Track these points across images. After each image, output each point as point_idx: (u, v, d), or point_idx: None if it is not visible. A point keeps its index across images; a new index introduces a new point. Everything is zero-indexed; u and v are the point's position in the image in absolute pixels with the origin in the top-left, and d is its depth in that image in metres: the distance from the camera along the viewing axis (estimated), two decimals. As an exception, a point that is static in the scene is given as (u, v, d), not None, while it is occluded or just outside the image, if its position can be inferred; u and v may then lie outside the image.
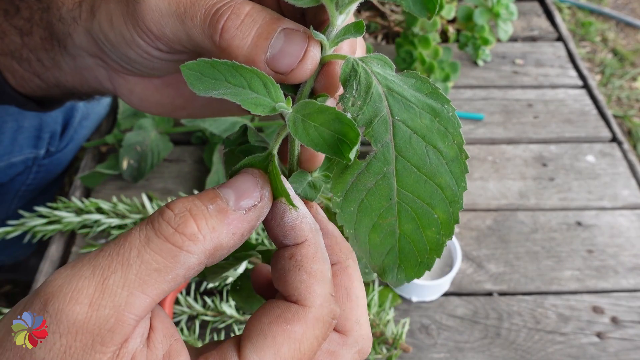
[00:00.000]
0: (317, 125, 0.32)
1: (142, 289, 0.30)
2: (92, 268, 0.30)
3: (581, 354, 0.80)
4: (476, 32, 1.20)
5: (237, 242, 0.33)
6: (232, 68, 0.33)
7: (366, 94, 0.32)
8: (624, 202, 1.00)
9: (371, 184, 0.33)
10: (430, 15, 0.31)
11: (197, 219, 0.31)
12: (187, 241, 0.31)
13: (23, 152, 0.99)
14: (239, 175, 0.34)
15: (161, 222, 0.31)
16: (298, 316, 0.33)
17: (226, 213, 0.32)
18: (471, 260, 0.91)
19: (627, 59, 2.20)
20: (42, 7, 0.51)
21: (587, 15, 2.37)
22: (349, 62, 0.33)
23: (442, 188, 0.32)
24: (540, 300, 0.86)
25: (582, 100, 1.20)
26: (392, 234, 0.34)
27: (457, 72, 1.14)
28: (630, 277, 0.89)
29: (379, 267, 0.35)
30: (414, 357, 0.79)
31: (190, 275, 0.32)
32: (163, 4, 0.38)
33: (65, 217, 0.89)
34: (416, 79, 0.33)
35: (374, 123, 0.32)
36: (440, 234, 0.33)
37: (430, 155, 0.32)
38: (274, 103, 0.33)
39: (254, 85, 0.33)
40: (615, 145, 1.10)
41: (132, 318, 0.30)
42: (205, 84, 0.32)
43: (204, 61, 0.33)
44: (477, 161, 1.06)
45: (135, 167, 0.98)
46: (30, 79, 0.57)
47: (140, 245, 0.31)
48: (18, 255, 1.25)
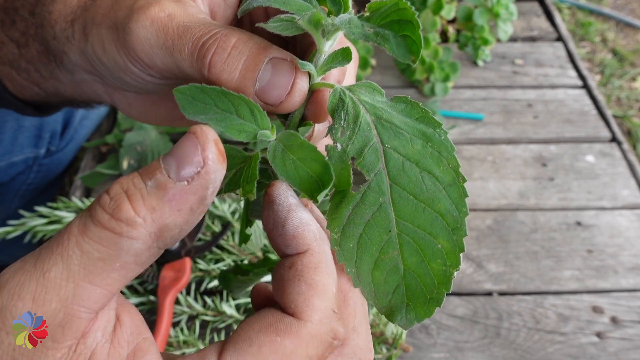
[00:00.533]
0: (295, 159, 0.32)
1: (89, 279, 0.28)
2: (34, 261, 0.28)
3: (581, 353, 0.80)
4: (476, 32, 1.20)
5: (188, 217, 0.29)
6: (221, 94, 0.33)
7: (354, 123, 0.32)
8: (624, 202, 1.00)
9: (368, 216, 0.32)
10: (414, 59, 0.31)
11: (133, 201, 0.28)
12: (125, 227, 0.28)
13: (23, 152, 0.99)
14: (182, 138, 0.30)
15: (97, 208, 0.29)
16: (291, 329, 0.30)
17: (165, 188, 0.29)
18: (471, 260, 0.91)
19: (626, 59, 2.20)
20: (36, 23, 0.50)
21: (586, 15, 2.37)
22: (336, 93, 0.33)
23: (443, 215, 0.31)
24: (540, 300, 0.86)
25: (581, 100, 1.20)
26: (396, 270, 0.32)
27: (457, 72, 1.14)
28: (629, 277, 0.89)
29: (386, 308, 0.33)
30: (414, 356, 0.79)
31: (142, 261, 0.29)
32: (152, 36, 0.37)
33: (65, 217, 0.89)
34: (406, 104, 0.33)
35: (364, 152, 0.31)
36: (446, 265, 0.31)
37: (425, 181, 0.31)
38: (259, 130, 0.33)
39: (241, 111, 0.33)
40: (615, 145, 1.10)
41: (83, 311, 0.28)
42: (196, 107, 0.33)
43: (195, 86, 0.33)
44: (477, 161, 1.07)
45: (135, 167, 0.98)
46: (29, 87, 0.57)
47: (79, 235, 0.28)
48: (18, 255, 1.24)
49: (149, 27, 0.37)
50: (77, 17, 0.45)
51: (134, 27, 0.38)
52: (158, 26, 0.37)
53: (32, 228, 0.89)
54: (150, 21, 0.37)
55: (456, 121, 1.14)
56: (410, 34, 0.31)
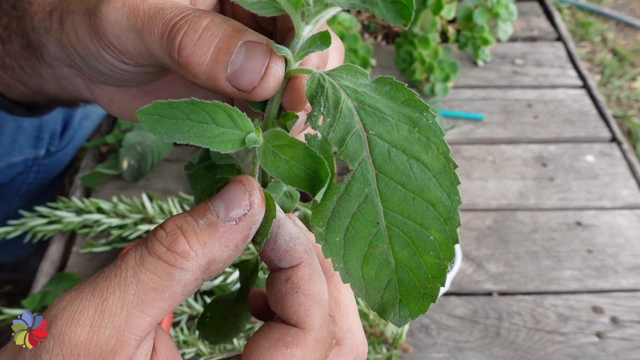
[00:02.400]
0: (287, 159, 0.32)
1: (141, 308, 0.30)
2: (92, 290, 0.31)
3: (581, 353, 0.80)
4: (476, 32, 1.20)
5: (232, 253, 0.33)
6: (192, 105, 0.31)
7: (335, 109, 0.30)
8: (624, 202, 1.00)
9: (354, 208, 0.30)
10: (405, 22, 0.28)
11: (188, 236, 0.32)
12: (180, 259, 0.31)
13: (23, 152, 0.99)
14: (228, 185, 0.33)
15: (154, 241, 0.32)
16: (298, 339, 0.33)
17: (216, 226, 0.32)
18: (471, 260, 0.91)
19: (626, 59, 2.20)
20: (17, 16, 0.50)
21: (586, 15, 2.37)
22: (315, 78, 0.31)
23: (434, 204, 0.29)
24: (540, 300, 0.86)
25: (581, 100, 1.20)
26: (387, 264, 0.30)
27: (457, 72, 1.14)
28: (629, 277, 0.89)
29: (378, 304, 0.31)
30: (414, 356, 0.79)
31: (188, 291, 0.32)
32: (122, 18, 0.36)
33: (65, 217, 0.89)
34: (391, 86, 0.31)
35: (347, 140, 0.30)
36: (439, 258, 0.29)
37: (414, 169, 0.29)
38: (244, 134, 0.32)
39: (218, 119, 0.31)
40: (615, 145, 1.10)
41: (132, 338, 0.30)
42: (166, 126, 0.31)
43: (160, 103, 0.31)
44: (477, 161, 1.07)
45: (135, 167, 0.98)
46: (15, 86, 0.56)
47: (136, 266, 0.31)
48: (19, 254, 1.25)
49: (119, 10, 0.36)
50: (55, 7, 0.44)
51: (104, 10, 0.37)
52: (129, 8, 0.36)
53: (32, 228, 0.89)
54: (122, 3, 0.36)
55: (456, 121, 1.14)
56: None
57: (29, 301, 0.82)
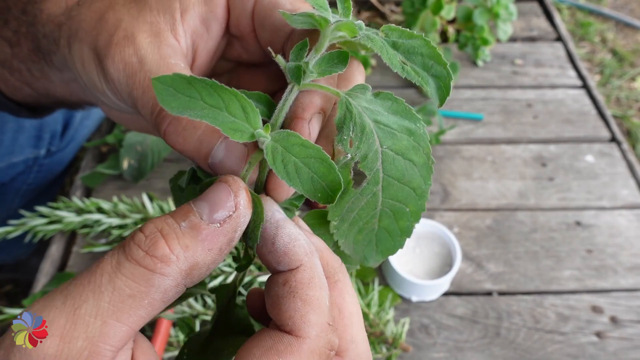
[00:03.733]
0: (297, 160, 0.32)
1: (117, 317, 0.28)
2: (64, 297, 0.29)
3: (580, 353, 0.80)
4: (476, 33, 1.20)
5: (216, 257, 0.31)
6: (210, 87, 0.31)
7: (362, 133, 0.34)
8: (623, 202, 1.00)
9: (363, 202, 0.36)
10: (440, 104, 0.35)
11: (169, 239, 0.30)
12: (160, 263, 0.29)
13: (24, 152, 0.99)
14: (213, 185, 0.32)
15: (132, 245, 0.30)
16: (291, 348, 0.30)
17: (199, 229, 0.30)
18: (471, 260, 0.91)
19: (626, 59, 2.20)
20: (27, 21, 0.50)
21: (586, 15, 2.37)
22: (343, 104, 0.34)
23: (415, 189, 0.35)
24: (540, 299, 0.86)
25: (581, 100, 1.20)
26: (372, 231, 0.37)
27: (456, 72, 1.14)
28: (629, 277, 0.89)
29: (361, 257, 0.39)
30: (414, 356, 0.79)
31: (168, 298, 0.30)
32: (123, 80, 0.37)
33: (66, 216, 0.89)
34: (392, 101, 0.35)
35: (368, 157, 0.34)
36: (410, 221, 0.37)
37: (407, 168, 0.35)
38: (253, 129, 0.32)
39: (231, 108, 0.31)
40: (615, 145, 1.11)
41: (107, 349, 0.28)
42: (180, 101, 0.30)
43: (179, 76, 0.30)
44: (477, 161, 1.07)
45: (135, 167, 0.98)
46: (22, 88, 0.56)
47: (112, 271, 0.29)
48: (19, 254, 1.25)
49: (121, 72, 0.37)
50: (63, 22, 0.44)
51: (109, 66, 0.38)
52: (128, 73, 0.37)
53: (33, 228, 0.89)
54: (123, 65, 0.37)
55: (456, 121, 1.14)
56: (442, 82, 0.34)
57: (29, 301, 0.82)
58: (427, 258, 0.86)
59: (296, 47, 0.35)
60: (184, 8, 0.39)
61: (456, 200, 1.00)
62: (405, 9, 1.13)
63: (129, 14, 0.39)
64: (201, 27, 0.40)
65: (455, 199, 1.00)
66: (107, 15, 0.40)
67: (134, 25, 0.38)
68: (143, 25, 0.38)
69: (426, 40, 0.34)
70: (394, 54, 0.34)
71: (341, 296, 0.35)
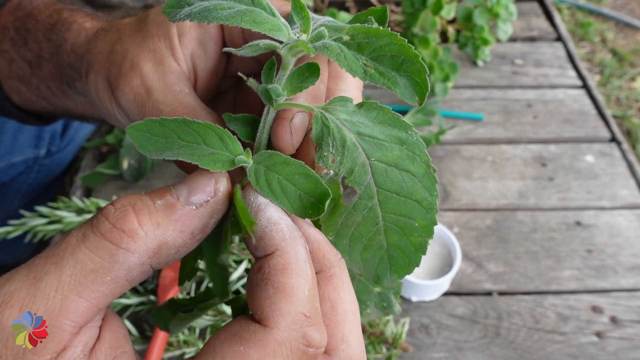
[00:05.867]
0: (281, 178, 0.32)
1: (78, 291, 0.27)
2: (27, 270, 0.28)
3: (580, 353, 0.80)
4: (476, 33, 1.20)
5: (187, 241, 0.30)
6: (184, 124, 0.31)
7: (342, 147, 0.33)
8: (623, 202, 1.00)
9: (359, 218, 0.34)
10: (420, 101, 0.32)
11: (140, 214, 0.29)
12: (126, 238, 0.28)
13: (24, 152, 0.99)
14: (195, 172, 0.32)
15: (100, 217, 0.29)
16: (255, 337, 0.28)
17: (174, 208, 0.30)
18: (471, 260, 0.91)
19: (626, 59, 2.20)
20: (51, 48, 0.52)
21: (586, 15, 2.37)
22: (318, 119, 0.33)
23: (420, 202, 0.34)
24: (540, 299, 0.86)
25: (581, 100, 1.20)
26: (381, 247, 0.35)
27: (456, 72, 1.14)
28: (629, 277, 0.89)
29: (373, 276, 0.37)
30: (414, 356, 0.79)
31: (133, 277, 0.29)
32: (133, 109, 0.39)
33: (66, 216, 0.89)
34: (377, 110, 0.34)
35: (355, 171, 0.33)
36: (422, 237, 0.35)
37: (405, 179, 0.34)
38: (233, 156, 0.32)
39: (208, 140, 0.31)
40: (614, 145, 1.11)
41: (67, 324, 0.27)
42: (156, 144, 0.31)
43: (151, 120, 0.31)
44: (477, 161, 1.07)
45: (135, 167, 0.98)
46: (38, 102, 0.58)
47: (76, 244, 0.28)
48: (19, 254, 1.25)
49: (131, 103, 0.39)
50: (83, 54, 0.47)
51: (120, 97, 0.39)
52: (137, 103, 0.38)
53: (33, 228, 0.89)
54: (133, 96, 0.39)
55: (456, 121, 1.14)
56: (416, 77, 0.32)
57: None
58: (427, 258, 0.86)
59: (265, 67, 0.35)
60: (180, 32, 0.40)
61: (456, 200, 1.00)
62: (405, 9, 1.13)
63: (134, 44, 0.40)
64: (199, 49, 0.41)
65: (455, 199, 1.00)
66: (116, 46, 0.41)
67: (139, 55, 0.39)
68: (147, 53, 0.39)
69: (393, 34, 0.32)
70: (354, 59, 0.32)
71: (336, 291, 0.33)
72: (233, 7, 0.33)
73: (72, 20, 0.51)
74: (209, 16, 0.32)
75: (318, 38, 0.33)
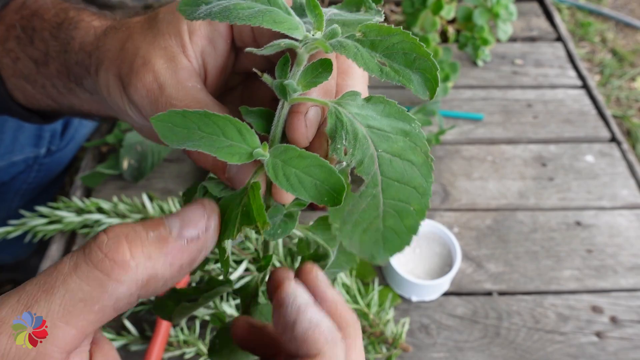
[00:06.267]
0: (297, 171, 0.33)
1: (67, 320, 0.28)
2: (18, 296, 0.29)
3: (580, 353, 0.80)
4: (476, 33, 1.20)
5: (175, 274, 0.31)
6: (205, 116, 0.33)
7: (355, 140, 0.34)
8: (623, 202, 1.00)
9: (364, 205, 0.36)
10: (431, 95, 0.34)
11: (133, 245, 0.30)
12: (117, 269, 0.29)
13: (24, 151, 0.99)
14: (189, 205, 0.33)
15: (92, 247, 0.29)
16: None
17: (166, 241, 0.31)
18: (471, 260, 0.91)
19: (626, 59, 2.20)
20: (58, 47, 0.52)
21: (586, 15, 2.37)
22: (332, 113, 0.35)
23: (416, 188, 0.36)
24: (540, 299, 0.86)
25: (581, 100, 1.20)
26: (378, 230, 0.38)
27: (456, 72, 1.14)
28: (629, 277, 0.89)
29: (369, 255, 0.39)
30: (414, 356, 0.79)
31: (120, 307, 0.30)
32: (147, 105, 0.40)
33: (66, 216, 0.89)
34: (384, 104, 0.35)
35: (364, 162, 0.35)
36: (415, 219, 0.37)
37: (406, 168, 0.35)
38: (251, 149, 0.33)
39: (227, 132, 0.33)
40: (615, 145, 1.11)
41: (55, 351, 0.28)
42: (178, 135, 0.32)
43: (174, 112, 0.32)
44: (477, 161, 1.07)
45: (135, 167, 0.98)
46: (43, 100, 0.58)
47: (68, 272, 0.29)
48: (19, 254, 1.25)
49: (144, 98, 0.40)
50: (92, 51, 0.47)
51: (132, 93, 0.40)
52: (150, 99, 0.39)
53: (33, 228, 0.89)
54: (146, 92, 0.39)
55: (456, 121, 1.14)
56: (428, 74, 0.34)
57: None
58: (427, 258, 0.86)
59: (279, 63, 0.36)
60: (191, 30, 0.41)
61: (456, 200, 1.00)
62: (405, 9, 1.13)
63: (145, 41, 0.41)
64: (209, 46, 0.42)
65: (455, 199, 1.00)
66: (127, 44, 0.42)
67: (150, 52, 0.40)
68: (159, 50, 0.40)
69: (405, 33, 0.33)
70: (370, 57, 0.34)
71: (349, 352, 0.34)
72: (253, 7, 0.34)
73: (80, 18, 0.52)
74: (230, 16, 0.33)
75: (332, 36, 0.34)
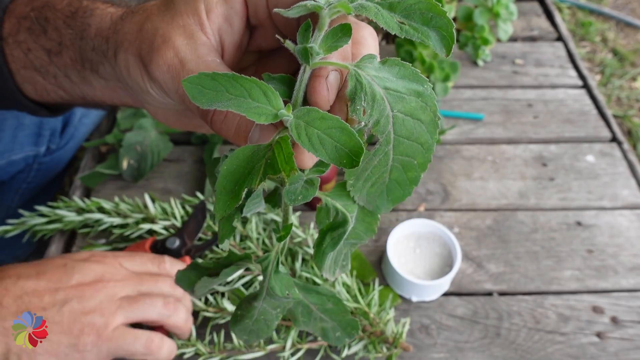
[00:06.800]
0: (319, 132, 0.35)
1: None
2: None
3: (581, 353, 0.80)
4: (476, 32, 1.20)
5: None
6: (232, 79, 0.35)
7: (373, 101, 0.36)
8: (624, 202, 1.00)
9: (376, 162, 0.39)
10: (447, 53, 0.37)
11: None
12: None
13: (23, 150, 0.99)
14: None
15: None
16: None
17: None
18: (471, 260, 0.91)
19: (627, 59, 2.20)
20: (73, 34, 0.54)
21: (587, 15, 2.37)
22: (352, 76, 0.37)
23: (422, 144, 0.38)
24: (540, 300, 0.86)
25: (582, 100, 1.20)
26: (384, 183, 0.41)
27: (457, 72, 1.14)
28: (630, 277, 0.89)
29: (374, 206, 0.43)
30: (414, 356, 0.79)
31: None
32: (168, 80, 0.42)
33: (66, 216, 0.89)
34: (399, 67, 0.37)
35: (380, 122, 0.37)
36: (417, 172, 0.40)
37: (416, 126, 0.38)
38: (276, 111, 0.35)
39: (254, 94, 0.35)
40: (615, 145, 1.10)
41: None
42: (207, 96, 0.34)
43: (204, 74, 0.35)
44: (477, 161, 1.07)
45: (135, 167, 0.98)
46: (54, 91, 0.59)
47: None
48: (18, 254, 1.25)
49: (165, 73, 0.42)
50: (110, 36, 0.49)
51: (154, 70, 0.42)
52: (173, 74, 0.42)
53: (32, 227, 0.89)
54: (167, 67, 0.42)
55: (456, 121, 1.14)
56: (444, 31, 0.36)
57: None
58: (427, 258, 0.86)
59: (301, 29, 0.38)
60: (208, 8, 0.43)
61: (456, 200, 1.00)
62: (406, 8, 1.13)
63: (163, 21, 0.43)
64: (225, 24, 0.44)
65: (455, 199, 1.00)
66: (145, 25, 0.44)
67: (170, 30, 0.42)
68: (177, 29, 0.42)
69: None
70: (390, 17, 0.36)
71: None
72: None
73: (94, 7, 0.54)
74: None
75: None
